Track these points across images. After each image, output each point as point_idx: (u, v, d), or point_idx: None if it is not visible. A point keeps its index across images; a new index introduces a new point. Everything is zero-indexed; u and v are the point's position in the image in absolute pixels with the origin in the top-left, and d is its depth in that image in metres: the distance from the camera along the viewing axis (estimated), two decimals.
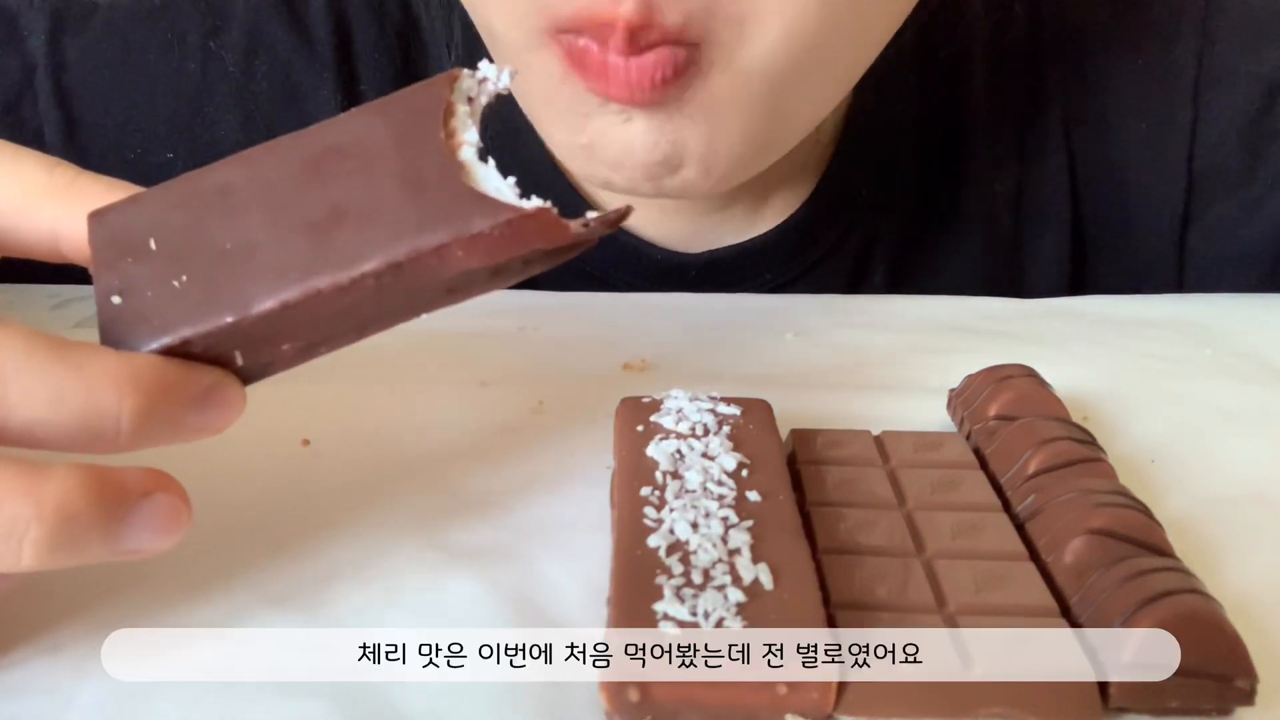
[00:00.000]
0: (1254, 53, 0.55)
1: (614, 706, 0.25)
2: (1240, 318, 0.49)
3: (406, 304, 0.29)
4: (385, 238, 0.27)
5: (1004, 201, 0.56)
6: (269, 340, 0.28)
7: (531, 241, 0.27)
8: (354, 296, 0.27)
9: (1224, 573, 0.31)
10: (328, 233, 0.27)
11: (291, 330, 0.28)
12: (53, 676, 0.27)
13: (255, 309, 0.27)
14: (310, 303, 0.27)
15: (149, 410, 0.26)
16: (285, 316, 0.27)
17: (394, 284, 0.27)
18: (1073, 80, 0.56)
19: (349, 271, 0.27)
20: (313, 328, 0.28)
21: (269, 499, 0.34)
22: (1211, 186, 0.56)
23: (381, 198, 0.27)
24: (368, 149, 0.28)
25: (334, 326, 0.28)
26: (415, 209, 0.27)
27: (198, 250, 0.28)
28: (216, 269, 0.27)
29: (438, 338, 0.46)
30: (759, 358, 0.45)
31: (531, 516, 0.34)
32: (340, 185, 0.28)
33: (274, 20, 0.54)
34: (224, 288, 0.27)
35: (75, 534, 0.25)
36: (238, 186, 0.28)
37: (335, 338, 0.29)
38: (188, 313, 0.27)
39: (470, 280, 0.28)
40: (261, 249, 0.27)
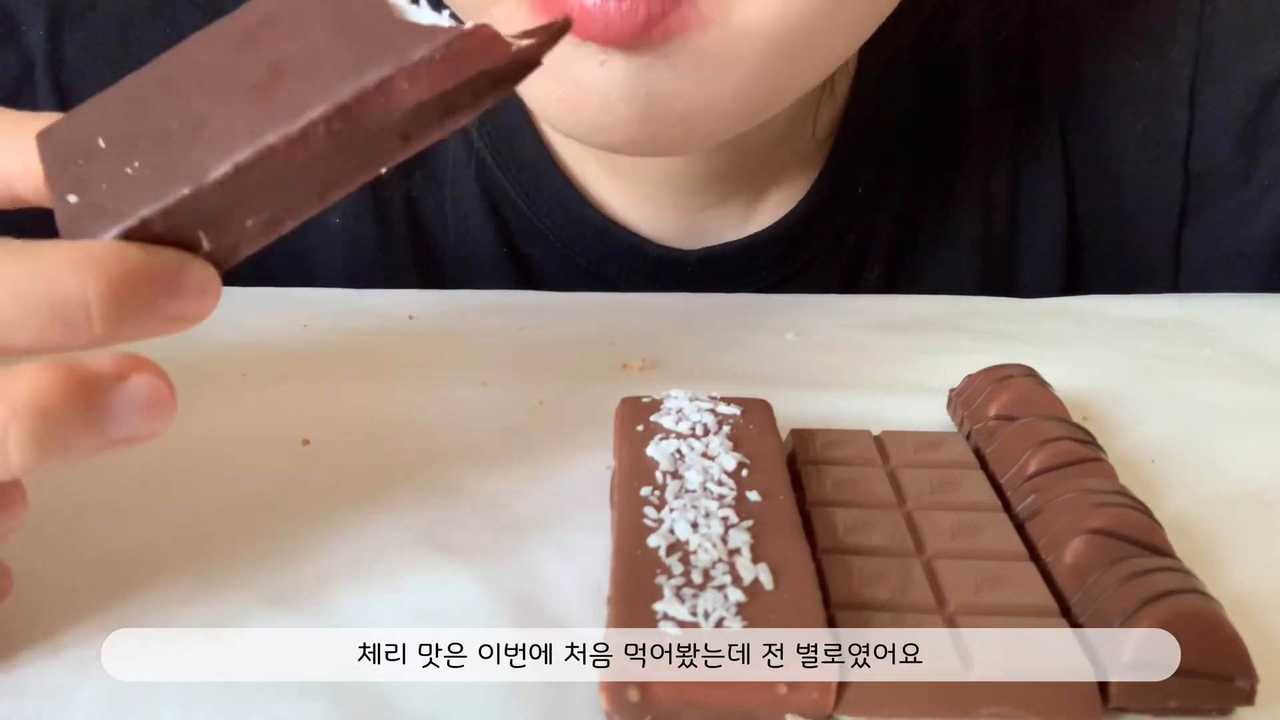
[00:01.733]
0: (1250, 53, 0.55)
1: (614, 706, 0.25)
2: (1240, 318, 0.49)
3: (361, 156, 0.28)
4: (327, 83, 0.27)
5: (999, 201, 0.56)
6: (230, 214, 0.27)
7: (475, 63, 0.27)
8: (307, 151, 0.27)
9: (1224, 573, 0.31)
10: (270, 92, 0.27)
11: (251, 199, 0.27)
12: (53, 676, 0.27)
13: (210, 176, 0.26)
14: (264, 162, 0.27)
15: (115, 293, 0.25)
16: (241, 182, 0.27)
17: (345, 131, 0.27)
18: (1069, 80, 0.56)
19: (297, 122, 0.26)
20: (272, 194, 0.27)
21: (269, 499, 0.34)
22: (1208, 187, 0.56)
23: (318, 49, 0.27)
24: (297, 12, 0.28)
25: (293, 191, 0.28)
26: (352, 52, 0.27)
27: (146, 137, 0.28)
28: (167, 149, 0.27)
29: (438, 338, 0.46)
30: (759, 358, 0.45)
31: (531, 517, 0.34)
32: (275, 48, 0.28)
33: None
34: (177, 164, 0.27)
35: (57, 428, 0.25)
36: (175, 74, 0.29)
37: (297, 205, 0.28)
38: (144, 194, 0.27)
39: (422, 121, 0.28)
40: (208, 122, 0.27)
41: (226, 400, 0.40)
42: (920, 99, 0.55)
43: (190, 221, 0.27)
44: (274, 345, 0.45)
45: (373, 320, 0.47)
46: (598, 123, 0.40)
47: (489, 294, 0.51)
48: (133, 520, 0.33)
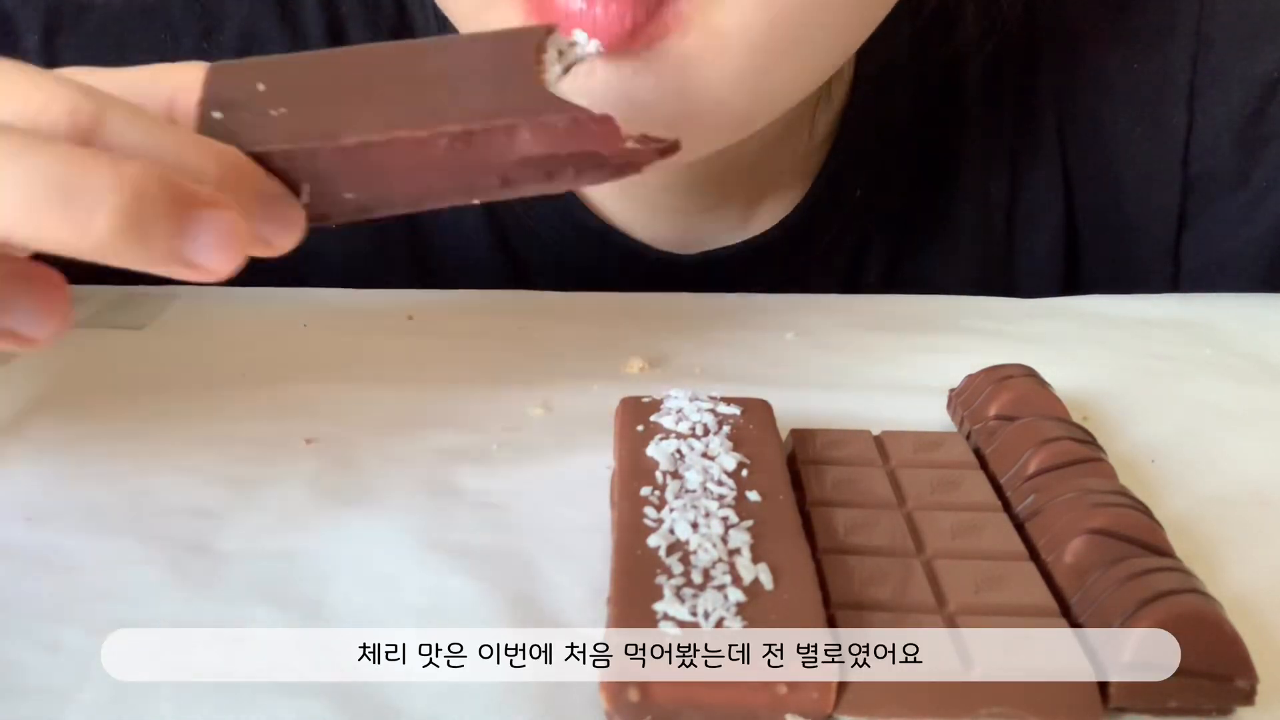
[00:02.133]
0: (1249, 54, 0.55)
1: (614, 706, 0.25)
2: (1240, 318, 0.49)
3: (464, 181, 0.32)
4: (466, 109, 0.31)
5: (997, 205, 0.56)
6: (337, 182, 0.31)
7: (589, 143, 0.31)
8: (425, 154, 0.31)
9: (1224, 573, 0.31)
10: (415, 98, 0.31)
11: (359, 176, 0.31)
12: (53, 676, 0.27)
13: (339, 142, 0.30)
14: (386, 149, 0.30)
15: (226, 177, 0.29)
16: (360, 158, 0.31)
17: (462, 152, 0.31)
18: (1067, 83, 0.56)
19: (429, 128, 0.30)
20: (378, 180, 0.31)
21: (269, 499, 0.34)
22: (1207, 189, 0.56)
23: (469, 81, 0.32)
24: (465, 50, 0.33)
25: (395, 186, 0.32)
26: (497, 95, 0.32)
27: (298, 94, 0.32)
28: (313, 107, 0.31)
29: (438, 337, 0.46)
30: (759, 358, 0.45)
31: (531, 516, 0.34)
32: (434, 69, 0.32)
33: (267, 20, 0.54)
34: (315, 122, 0.31)
35: (145, 215, 0.27)
36: (342, 59, 0.34)
37: (392, 200, 0.32)
38: (278, 134, 0.31)
39: (526, 173, 0.31)
40: (353, 100, 0.32)
41: (227, 400, 0.40)
42: (918, 102, 0.55)
43: (302, 173, 0.31)
44: (274, 345, 0.45)
45: (373, 320, 0.47)
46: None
47: (489, 294, 0.51)
48: (131, 520, 0.33)
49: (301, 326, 0.47)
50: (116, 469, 0.36)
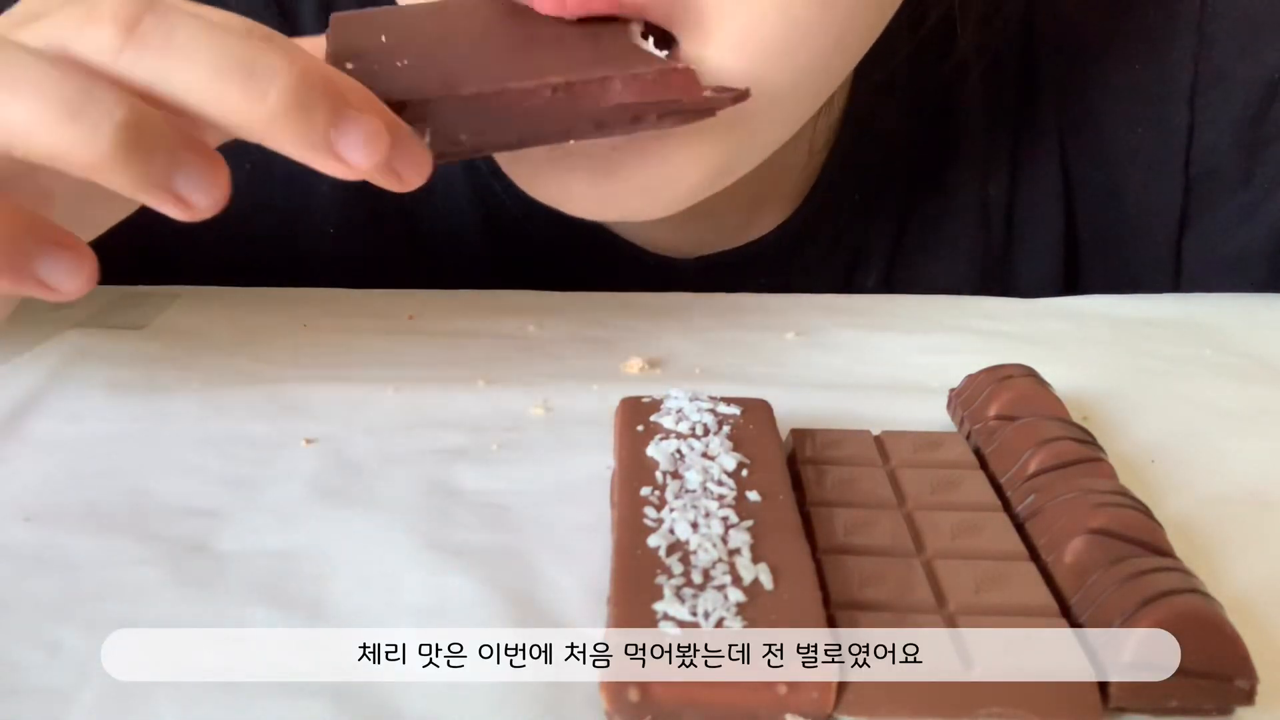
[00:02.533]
0: (1250, 55, 0.54)
1: (614, 706, 0.25)
2: (1240, 318, 0.49)
3: (564, 124, 0.36)
4: (566, 64, 0.35)
5: (997, 207, 0.56)
6: (456, 125, 0.35)
7: (672, 91, 0.36)
8: (532, 102, 0.35)
9: (1224, 573, 0.31)
10: (523, 54, 0.36)
11: (472, 121, 0.35)
12: (53, 676, 0.27)
13: (459, 91, 0.34)
14: (498, 98, 0.34)
15: (365, 109, 0.31)
16: (478, 105, 0.34)
17: (564, 100, 0.35)
18: (1067, 85, 0.56)
19: (534, 81, 0.35)
20: (489, 123, 0.35)
21: (269, 499, 0.34)
22: (1208, 191, 0.56)
23: (566, 39, 0.36)
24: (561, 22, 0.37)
25: (506, 129, 0.35)
26: (593, 51, 0.36)
27: (419, 45, 0.36)
28: (433, 60, 0.36)
29: (439, 337, 0.46)
30: (759, 358, 0.45)
31: (531, 516, 0.34)
32: (538, 29, 0.37)
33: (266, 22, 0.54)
34: (436, 74, 0.35)
35: (310, 99, 0.30)
36: (452, 10, 0.38)
37: (503, 141, 0.36)
38: (403, 83, 0.34)
39: (617, 117, 0.36)
40: (471, 55, 0.36)
41: (227, 400, 0.40)
42: (917, 108, 0.55)
43: (426, 118, 0.34)
44: (274, 345, 0.45)
45: (373, 320, 0.47)
46: (556, 199, 0.42)
47: (489, 294, 0.51)
48: (132, 520, 0.33)
49: (301, 326, 0.47)
50: (116, 469, 0.36)
